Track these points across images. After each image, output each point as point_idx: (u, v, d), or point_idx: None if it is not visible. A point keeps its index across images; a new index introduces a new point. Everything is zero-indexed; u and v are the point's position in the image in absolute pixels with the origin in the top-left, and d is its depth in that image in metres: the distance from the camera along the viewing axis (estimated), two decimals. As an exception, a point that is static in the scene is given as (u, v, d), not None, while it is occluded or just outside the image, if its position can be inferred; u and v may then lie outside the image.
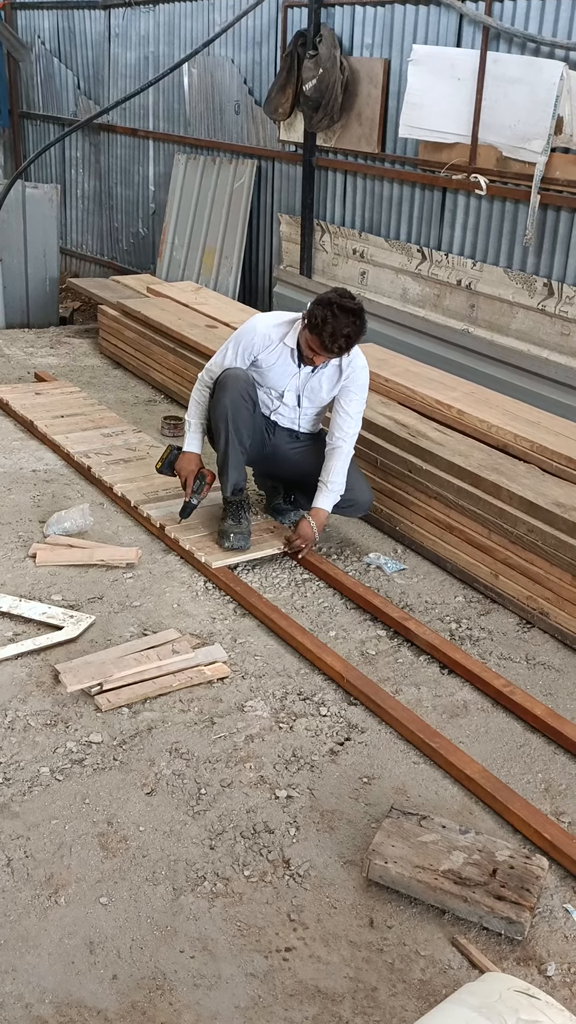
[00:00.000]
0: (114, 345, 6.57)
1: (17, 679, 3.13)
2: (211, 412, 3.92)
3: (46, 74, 9.51)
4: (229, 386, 3.81)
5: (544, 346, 5.33)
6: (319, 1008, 2.11)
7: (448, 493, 3.92)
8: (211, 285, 7.37)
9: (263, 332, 3.82)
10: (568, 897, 2.43)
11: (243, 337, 3.85)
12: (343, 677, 3.17)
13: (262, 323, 3.85)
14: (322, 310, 3.55)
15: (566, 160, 5.05)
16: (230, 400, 3.81)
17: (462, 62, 5.39)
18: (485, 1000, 1.73)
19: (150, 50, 8.05)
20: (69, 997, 2.10)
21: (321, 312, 3.55)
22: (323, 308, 3.55)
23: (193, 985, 2.14)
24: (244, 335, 3.85)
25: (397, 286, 6.23)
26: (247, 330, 3.85)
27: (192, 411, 4.02)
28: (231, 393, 3.80)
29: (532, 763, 2.91)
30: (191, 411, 4.02)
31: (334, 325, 3.53)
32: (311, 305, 3.63)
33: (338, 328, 3.54)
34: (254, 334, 3.82)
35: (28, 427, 5.22)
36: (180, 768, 2.78)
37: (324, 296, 3.61)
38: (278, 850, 2.51)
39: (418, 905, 2.37)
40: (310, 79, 6.17)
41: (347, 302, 3.56)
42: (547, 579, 3.54)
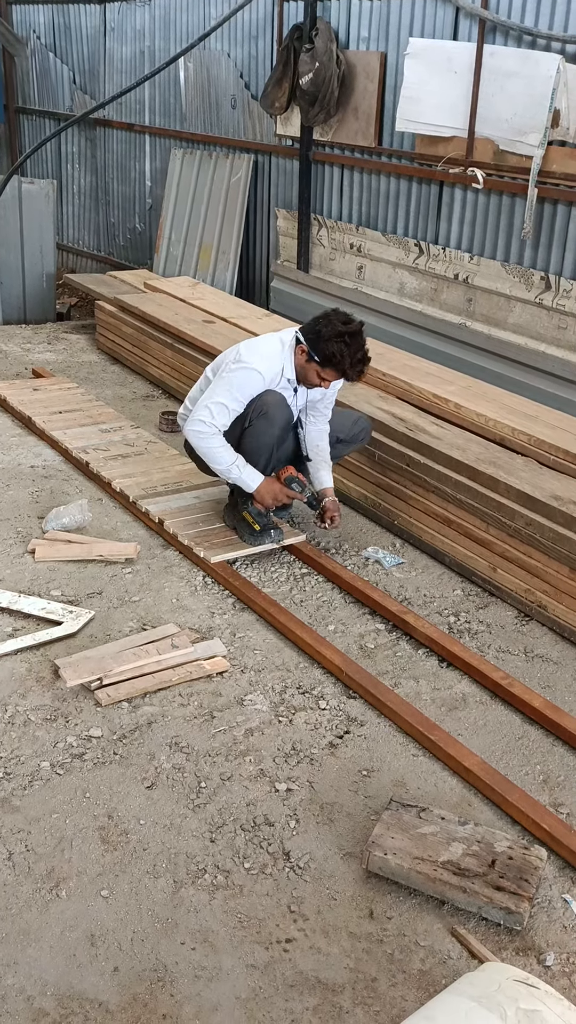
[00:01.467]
0: (111, 341, 6.56)
1: (17, 674, 3.14)
2: (248, 439, 3.72)
3: (42, 69, 9.48)
4: (275, 418, 3.67)
5: (541, 340, 5.34)
6: (319, 999, 2.12)
7: (446, 487, 3.93)
8: (208, 280, 7.36)
9: (268, 377, 3.65)
10: (566, 887, 2.44)
11: (247, 386, 3.64)
12: (342, 671, 3.18)
13: (263, 366, 3.64)
14: (335, 345, 3.52)
15: (563, 153, 5.05)
16: (279, 432, 3.71)
17: (458, 55, 5.38)
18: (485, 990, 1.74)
19: (146, 44, 8.04)
20: (71, 990, 2.11)
21: (335, 347, 3.52)
22: (335, 342, 3.52)
23: (194, 977, 2.15)
24: (248, 384, 3.64)
25: (394, 280, 6.23)
26: (250, 380, 3.64)
27: (227, 456, 3.70)
28: (278, 425, 3.69)
29: (530, 755, 2.92)
30: (226, 457, 3.70)
31: (351, 355, 3.53)
32: (312, 339, 3.57)
33: (355, 356, 3.55)
34: (261, 381, 3.64)
35: (26, 423, 5.22)
36: (180, 762, 2.78)
37: (327, 327, 3.55)
38: (278, 843, 2.52)
39: (417, 896, 2.38)
40: (306, 73, 6.16)
41: (351, 327, 3.56)
42: (545, 572, 3.55)
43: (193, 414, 3.72)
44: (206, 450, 3.72)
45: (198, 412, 3.69)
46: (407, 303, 6.12)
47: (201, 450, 3.74)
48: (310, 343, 3.61)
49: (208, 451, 3.72)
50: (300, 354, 3.67)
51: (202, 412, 3.67)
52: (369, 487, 4.36)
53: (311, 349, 3.60)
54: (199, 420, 3.67)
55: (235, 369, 3.67)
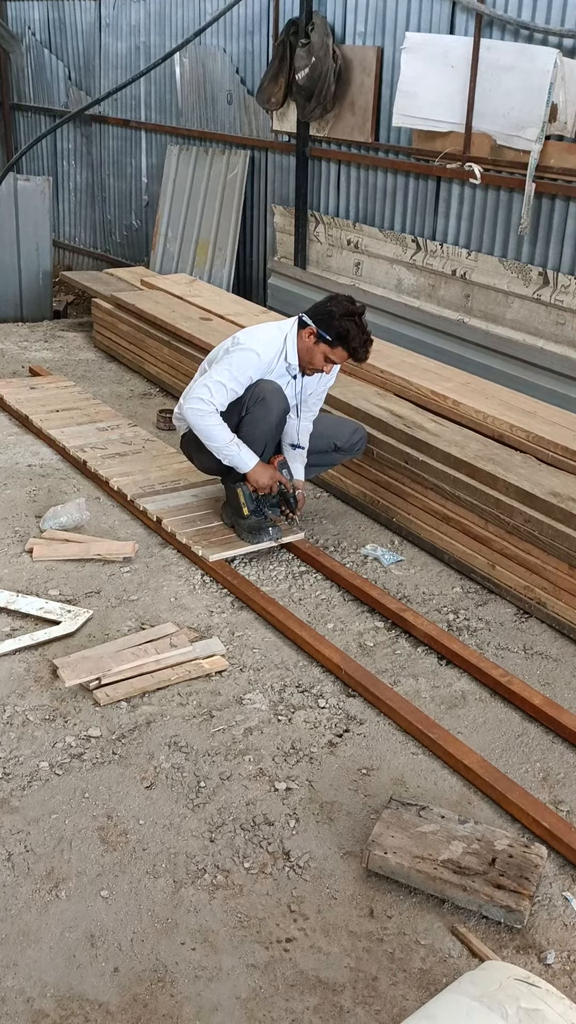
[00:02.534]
0: (108, 338, 6.55)
1: (15, 674, 3.13)
2: (246, 426, 3.73)
3: (37, 65, 9.45)
4: (273, 405, 3.69)
5: (539, 335, 5.33)
6: (320, 998, 2.12)
7: (444, 484, 3.92)
8: (205, 277, 7.35)
9: (266, 359, 3.67)
10: (567, 885, 2.44)
11: (246, 366, 3.65)
12: (341, 669, 3.17)
13: (261, 347, 3.66)
14: (346, 322, 3.56)
15: (561, 148, 5.03)
16: (276, 420, 3.74)
17: (455, 49, 5.36)
18: (485, 989, 1.74)
19: (141, 40, 8.01)
20: (70, 991, 2.11)
21: (347, 324, 3.56)
22: (345, 319, 3.56)
23: (194, 977, 2.15)
24: (247, 365, 3.65)
25: (392, 277, 6.22)
26: (248, 360, 3.65)
27: (224, 434, 3.68)
28: (275, 413, 3.71)
29: (530, 752, 2.92)
30: (223, 435, 3.68)
31: (360, 334, 3.59)
32: (323, 319, 3.60)
33: (364, 335, 3.60)
34: (258, 361, 3.65)
35: (23, 422, 5.21)
36: (179, 761, 2.78)
37: (337, 307, 3.60)
38: (278, 842, 2.52)
39: (418, 895, 2.38)
40: (302, 68, 6.14)
41: (359, 308, 3.63)
42: (544, 569, 3.55)
43: (191, 392, 3.72)
44: (204, 428, 3.67)
45: (196, 391, 3.67)
46: (405, 299, 6.11)
47: (199, 428, 3.69)
48: (320, 323, 3.62)
49: (206, 428, 3.68)
50: (307, 337, 3.67)
51: (200, 391, 3.66)
52: (367, 484, 4.35)
53: (322, 329, 3.62)
54: (197, 398, 3.65)
55: (233, 351, 3.70)
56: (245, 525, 3.87)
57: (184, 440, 4.05)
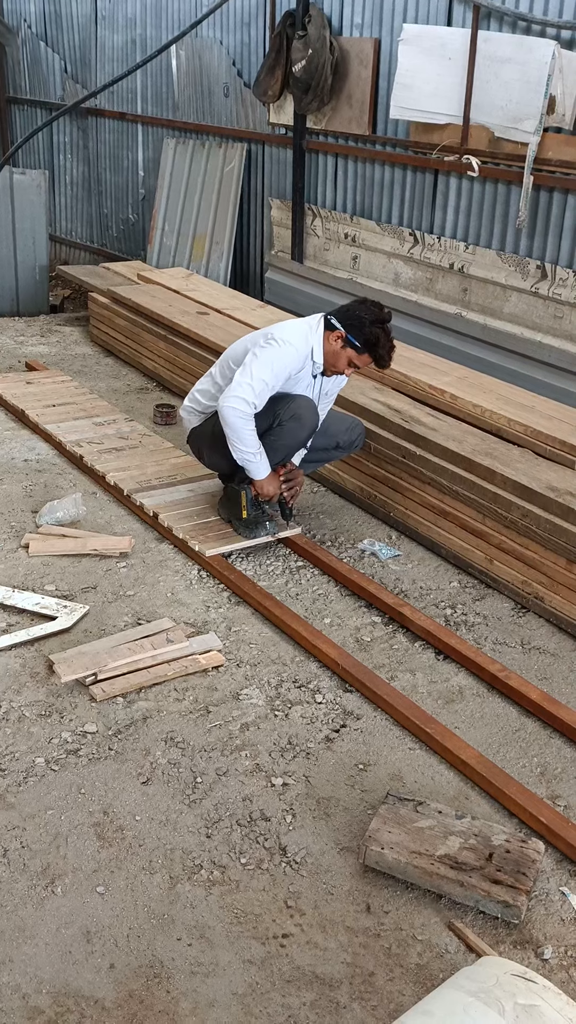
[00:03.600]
0: (105, 333, 6.53)
1: (11, 670, 3.12)
2: (276, 438, 3.71)
3: (33, 58, 9.41)
4: (307, 424, 3.71)
5: (537, 329, 5.31)
6: (316, 994, 2.11)
7: (442, 478, 3.91)
8: (202, 271, 7.32)
9: (301, 354, 3.65)
10: (564, 880, 2.43)
11: (286, 363, 3.62)
12: (338, 664, 3.17)
13: (298, 343, 3.63)
14: (375, 329, 3.57)
15: (559, 140, 5.02)
16: (306, 438, 3.78)
17: (453, 41, 5.34)
18: (482, 984, 1.73)
19: (137, 32, 7.97)
20: (66, 987, 2.10)
21: (375, 332, 3.57)
22: (375, 327, 3.57)
23: (190, 973, 2.15)
24: (287, 361, 3.61)
25: (389, 270, 6.20)
26: (288, 356, 3.61)
27: (255, 440, 3.65)
28: (308, 431, 3.74)
29: (528, 747, 2.91)
30: (254, 442, 3.65)
31: (388, 343, 3.61)
32: (353, 324, 3.58)
33: (390, 342, 3.62)
34: (296, 356, 3.63)
35: (19, 416, 5.19)
36: (175, 757, 2.77)
37: (367, 313, 3.59)
38: (274, 837, 2.51)
39: (415, 890, 2.37)
40: (299, 60, 6.11)
41: (386, 314, 3.64)
42: (542, 564, 3.54)
43: (233, 390, 3.59)
44: (239, 429, 3.61)
45: (239, 389, 3.57)
46: (402, 293, 6.09)
47: (234, 427, 3.62)
48: (350, 328, 3.61)
49: (240, 430, 3.62)
50: (334, 340, 3.66)
51: (243, 390, 3.57)
52: (365, 479, 4.34)
53: (351, 334, 3.61)
54: (240, 398, 3.57)
55: (270, 346, 3.62)
56: (244, 520, 3.86)
57: (194, 436, 4.02)
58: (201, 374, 5.08)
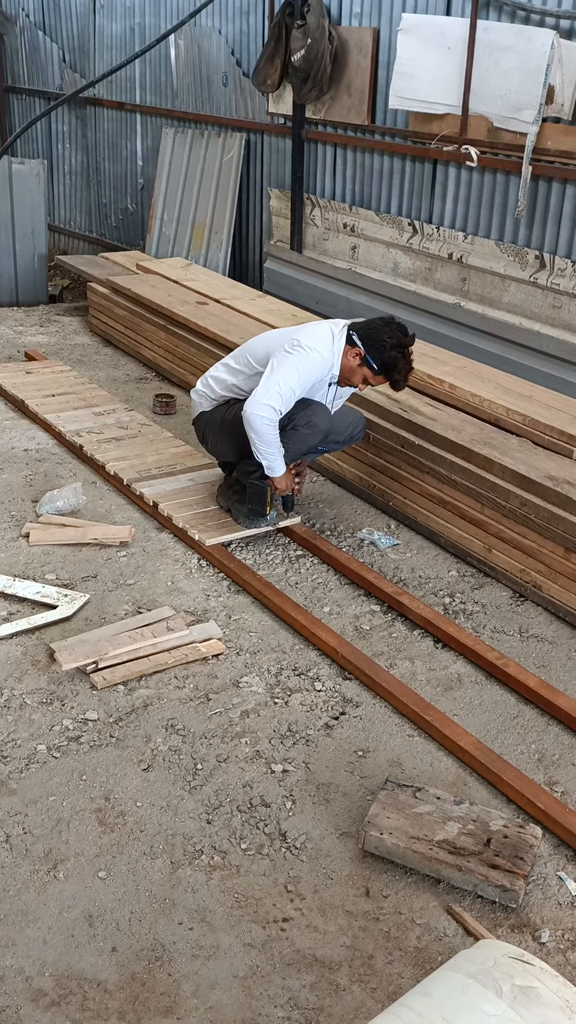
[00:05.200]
0: (104, 323, 6.53)
1: (12, 658, 3.14)
2: (291, 442, 3.72)
3: (31, 47, 9.37)
4: (321, 430, 3.74)
5: (536, 319, 5.32)
6: (316, 976, 2.14)
7: (441, 468, 3.92)
8: (201, 261, 7.32)
9: (328, 365, 3.65)
10: (561, 865, 2.46)
11: (313, 370, 3.61)
12: (337, 652, 3.18)
13: (325, 351, 3.63)
14: (395, 353, 3.57)
15: (557, 130, 5.01)
16: (318, 443, 3.82)
17: (452, 31, 5.33)
18: (480, 967, 1.75)
19: (136, 21, 7.94)
20: (69, 969, 2.12)
21: (394, 356, 3.57)
22: (395, 351, 3.57)
23: (192, 956, 2.17)
24: (314, 369, 3.61)
25: (388, 260, 6.20)
26: (315, 364, 3.60)
27: (278, 442, 3.66)
28: (320, 437, 3.78)
29: (525, 734, 2.93)
30: (277, 444, 3.66)
31: (406, 368, 3.62)
32: (374, 345, 3.58)
33: (408, 366, 3.63)
34: (321, 366, 3.63)
35: (19, 406, 5.20)
36: (176, 744, 2.79)
37: (390, 336, 3.58)
38: (274, 823, 2.53)
39: (413, 875, 2.40)
40: (298, 49, 6.09)
41: (409, 339, 3.63)
42: (540, 552, 3.56)
43: (260, 397, 3.56)
44: (265, 435, 3.62)
45: (267, 396, 3.55)
46: (401, 283, 6.09)
47: (261, 434, 3.61)
48: (371, 349, 3.60)
49: (267, 436, 3.62)
50: (352, 356, 3.65)
51: (272, 398, 3.55)
52: (364, 468, 4.35)
53: (370, 355, 3.60)
54: (268, 405, 3.55)
55: (297, 353, 3.58)
56: (243, 510, 3.87)
57: (202, 420, 3.99)
58: (200, 364, 5.11)
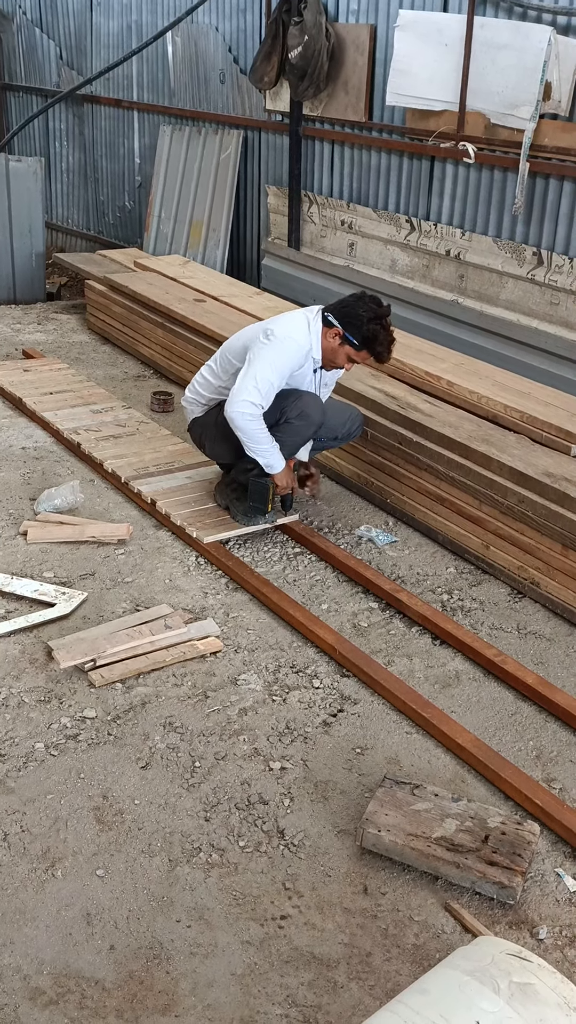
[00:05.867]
0: (102, 320, 6.52)
1: (10, 656, 3.13)
2: (284, 435, 3.72)
3: (28, 45, 9.35)
4: (314, 421, 3.73)
5: (534, 316, 5.31)
6: (314, 974, 2.14)
7: (438, 465, 3.92)
8: (199, 258, 7.31)
9: (303, 350, 3.64)
10: (559, 862, 2.46)
11: (289, 359, 3.61)
12: (335, 649, 3.18)
13: (300, 337, 3.62)
14: (374, 327, 3.54)
15: (555, 127, 5.01)
16: (312, 434, 3.81)
17: (449, 27, 5.32)
18: (478, 964, 1.75)
19: (133, 19, 7.93)
20: (67, 968, 2.12)
21: (373, 329, 3.54)
22: (373, 324, 3.54)
23: (190, 954, 2.17)
24: (289, 357, 3.61)
25: (386, 257, 6.19)
26: (290, 352, 3.60)
27: (267, 436, 3.67)
28: (314, 427, 3.77)
29: (523, 731, 2.93)
30: (266, 438, 3.66)
31: (387, 339, 3.58)
32: (351, 322, 3.56)
33: (389, 337, 3.59)
34: (296, 352, 3.62)
35: (16, 404, 5.19)
36: (174, 742, 2.79)
37: (364, 310, 3.56)
38: (272, 821, 2.53)
39: (411, 872, 2.40)
40: (295, 47, 6.08)
41: (384, 309, 3.61)
42: (538, 549, 3.55)
43: (238, 393, 3.58)
44: (250, 431, 3.63)
45: (244, 393, 3.56)
46: (399, 280, 6.09)
47: (245, 431, 3.63)
48: (348, 326, 3.59)
49: (253, 432, 3.64)
50: (332, 337, 3.64)
51: (249, 393, 3.56)
52: (362, 466, 4.35)
53: (348, 332, 3.59)
54: (247, 402, 3.57)
55: (271, 344, 3.59)
56: (242, 508, 3.87)
57: (196, 425, 4.01)
58: (198, 361, 5.10)
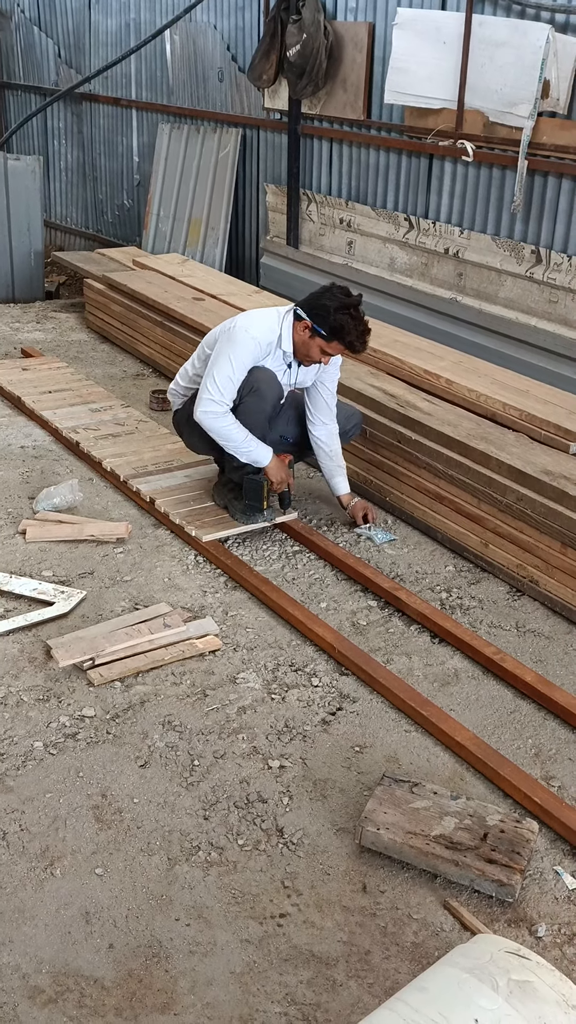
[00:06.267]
0: (101, 319, 6.52)
1: (9, 655, 3.13)
2: (241, 417, 3.67)
3: (26, 43, 9.34)
4: (267, 395, 3.67)
5: (532, 314, 5.31)
6: (313, 972, 2.14)
7: (437, 463, 3.92)
8: (197, 257, 7.31)
9: (263, 341, 3.64)
10: (558, 859, 2.46)
11: (245, 355, 3.62)
12: (334, 648, 3.18)
13: (259, 333, 3.63)
14: (341, 317, 3.51)
15: (553, 124, 5.00)
16: (270, 408, 3.73)
17: (447, 25, 5.31)
18: (477, 961, 1.76)
19: (131, 17, 7.92)
20: (66, 967, 2.12)
21: (341, 319, 3.51)
22: (341, 315, 3.51)
23: (189, 952, 2.17)
24: (246, 353, 3.62)
25: (384, 255, 6.19)
26: (247, 348, 3.62)
27: (239, 432, 3.66)
28: (270, 401, 3.70)
29: (522, 729, 2.93)
30: (239, 433, 3.66)
31: (356, 327, 3.54)
32: (318, 313, 3.54)
33: (360, 327, 3.55)
34: (254, 345, 3.62)
35: (15, 403, 5.19)
36: (173, 740, 2.79)
37: (331, 300, 3.54)
38: (271, 819, 2.53)
39: (410, 870, 2.40)
40: (294, 45, 6.08)
41: (354, 299, 3.57)
42: (536, 547, 3.55)
43: (200, 395, 3.64)
44: (219, 429, 3.65)
45: (204, 393, 3.62)
46: (398, 278, 6.08)
47: (214, 431, 3.66)
48: (315, 318, 3.57)
49: (222, 430, 3.66)
50: (302, 331, 3.63)
51: (209, 393, 3.61)
52: (360, 464, 4.35)
53: (317, 324, 3.56)
54: (209, 400, 3.61)
55: (230, 340, 3.64)
56: (240, 506, 3.87)
57: (176, 416, 4.03)
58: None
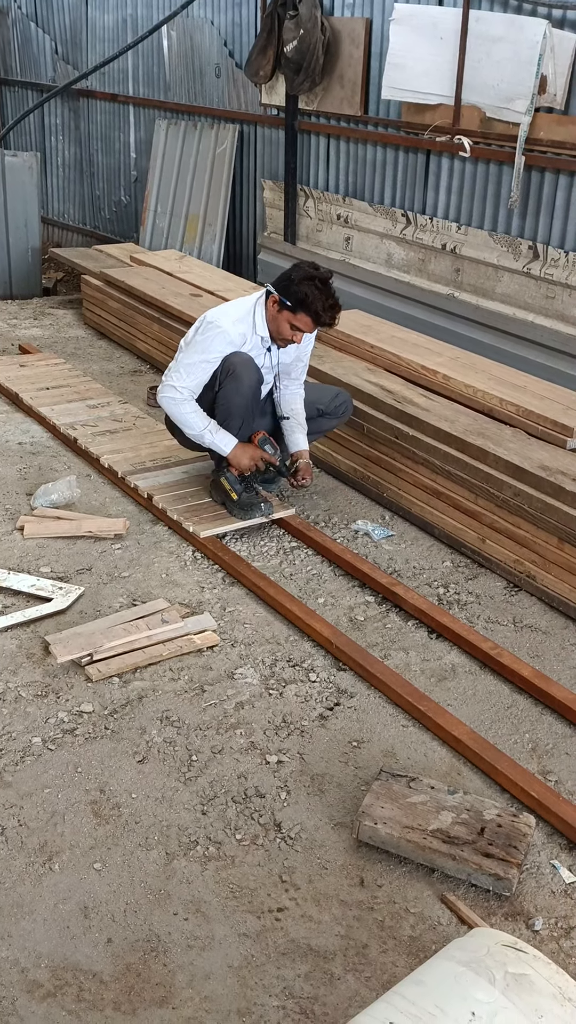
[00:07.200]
0: (98, 315, 6.51)
1: (7, 651, 3.14)
2: (220, 402, 3.69)
3: (23, 39, 9.32)
4: (244, 377, 3.65)
5: (529, 310, 5.31)
6: (311, 966, 2.15)
7: (435, 459, 3.93)
8: (195, 253, 7.30)
9: (235, 333, 3.64)
10: (554, 853, 2.47)
11: (213, 344, 3.64)
12: (332, 643, 3.19)
13: (227, 323, 3.64)
14: (305, 287, 3.53)
15: (550, 120, 5.00)
16: (249, 392, 3.68)
17: (444, 21, 5.31)
18: (474, 955, 1.76)
19: (128, 12, 7.90)
20: (64, 961, 2.13)
21: (305, 289, 3.53)
22: (305, 284, 3.53)
23: (187, 946, 2.18)
24: (214, 342, 3.63)
25: (382, 251, 6.19)
26: (215, 338, 3.63)
27: (199, 420, 3.72)
28: (247, 384, 3.67)
29: (519, 724, 2.94)
30: (199, 422, 3.71)
31: (323, 298, 3.54)
32: (284, 286, 3.57)
33: (327, 300, 3.56)
34: (226, 337, 3.63)
35: (13, 400, 5.19)
36: (171, 736, 2.80)
37: (296, 272, 3.57)
38: (269, 814, 2.54)
39: (407, 864, 2.41)
40: (291, 40, 6.07)
41: (321, 272, 3.58)
42: (534, 542, 3.56)
43: (164, 381, 3.79)
44: (179, 415, 3.76)
45: (168, 379, 3.76)
46: (395, 274, 6.08)
47: (175, 416, 3.78)
48: (281, 290, 3.59)
49: (181, 416, 3.75)
50: (272, 306, 3.65)
51: (172, 377, 3.73)
52: (358, 460, 4.36)
53: (282, 295, 3.59)
54: (170, 386, 3.73)
55: (200, 331, 3.71)
56: (236, 502, 3.88)
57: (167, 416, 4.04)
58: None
